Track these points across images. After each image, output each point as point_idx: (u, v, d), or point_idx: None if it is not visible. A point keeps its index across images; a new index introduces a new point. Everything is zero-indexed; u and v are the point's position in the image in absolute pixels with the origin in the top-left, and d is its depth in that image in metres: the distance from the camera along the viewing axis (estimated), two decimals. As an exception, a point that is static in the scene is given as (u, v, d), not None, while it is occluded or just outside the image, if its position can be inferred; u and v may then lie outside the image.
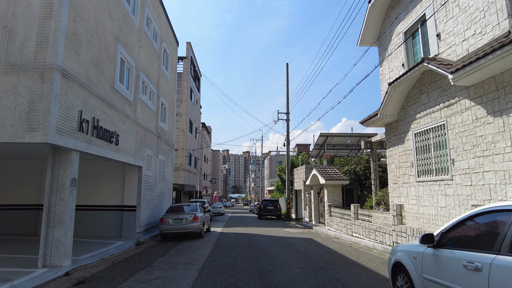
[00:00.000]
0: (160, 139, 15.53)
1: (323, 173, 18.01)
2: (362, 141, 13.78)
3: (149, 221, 13.79)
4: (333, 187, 17.41)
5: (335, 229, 15.13)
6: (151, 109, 14.11)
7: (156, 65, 15.04)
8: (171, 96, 18.13)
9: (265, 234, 14.66)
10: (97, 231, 12.57)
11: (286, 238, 13.17)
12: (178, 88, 25.89)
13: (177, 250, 10.27)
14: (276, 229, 17.67)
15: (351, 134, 23.85)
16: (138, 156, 12.29)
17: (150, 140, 13.97)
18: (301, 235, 14.63)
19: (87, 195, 12.78)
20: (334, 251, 9.95)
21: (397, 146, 10.87)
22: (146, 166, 13.25)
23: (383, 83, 12.13)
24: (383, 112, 10.81)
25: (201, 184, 44.23)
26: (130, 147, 11.41)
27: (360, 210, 12.84)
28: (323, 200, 19.07)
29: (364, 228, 11.88)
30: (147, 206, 13.47)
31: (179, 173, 24.85)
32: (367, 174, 20.11)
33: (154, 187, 14.56)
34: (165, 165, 16.55)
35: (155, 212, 14.64)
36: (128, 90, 11.40)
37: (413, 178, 9.82)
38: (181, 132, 25.30)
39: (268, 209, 26.71)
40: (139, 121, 12.33)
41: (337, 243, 11.76)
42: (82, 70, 7.92)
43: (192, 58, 28.30)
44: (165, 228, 12.60)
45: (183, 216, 12.76)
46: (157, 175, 15.02)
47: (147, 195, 13.44)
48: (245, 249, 10.16)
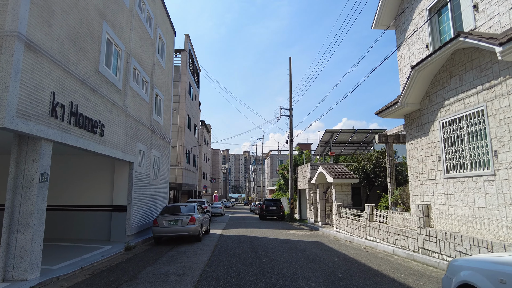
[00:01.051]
0: (155, 133, 14.28)
1: (330, 170, 16.76)
2: (377, 134, 12.52)
3: (142, 223, 12.53)
4: (342, 186, 16.16)
5: (346, 232, 13.88)
6: (144, 99, 12.86)
7: (150, 52, 13.79)
8: (167, 88, 16.88)
9: (269, 237, 13.41)
10: (83, 234, 11.32)
11: (293, 242, 11.92)
12: (176, 82, 24.64)
13: (170, 256, 9.02)
14: (280, 231, 16.42)
15: (358, 130, 22.59)
16: (129, 151, 11.04)
17: (143, 133, 12.72)
18: (308, 238, 13.38)
19: (72, 194, 11.53)
20: (350, 257, 8.70)
21: (420, 139, 9.62)
22: (137, 162, 12.00)
23: (401, 68, 10.88)
24: (404, 99, 9.56)
25: (200, 184, 42.97)
26: (119, 140, 10.16)
27: (376, 210, 11.59)
28: (330, 200, 17.82)
29: (381, 231, 10.63)
30: (139, 206, 12.22)
31: (176, 171, 23.58)
32: (377, 172, 18.85)
33: (148, 186, 13.31)
34: (160, 162, 15.30)
35: (148, 213, 13.39)
36: (117, 76, 10.15)
37: (440, 174, 8.56)
38: (179, 128, 24.03)
39: (270, 209, 25.45)
40: (129, 112, 11.08)
41: (350, 248, 10.50)
42: (55, 45, 6.67)
43: (191, 51, 27.05)
44: (159, 230, 11.35)
45: (178, 218, 11.51)
46: (151, 172, 13.77)
47: (139, 194, 12.19)
48: (248, 256, 8.91)
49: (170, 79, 17.48)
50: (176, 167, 23.71)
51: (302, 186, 24.14)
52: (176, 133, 23.91)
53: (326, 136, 22.72)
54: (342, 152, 25.26)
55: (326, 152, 24.45)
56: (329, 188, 18.37)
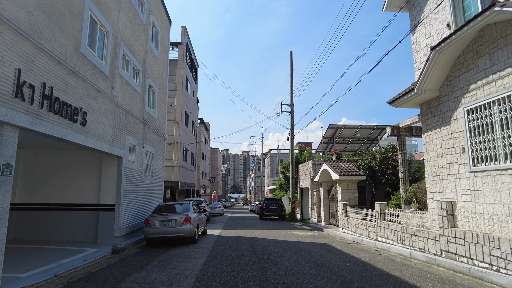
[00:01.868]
0: (148, 127, 13.28)
1: (335, 167, 15.78)
2: (388, 127, 11.53)
3: (133, 223, 11.54)
4: (348, 184, 15.18)
5: (353, 232, 12.90)
6: (135, 89, 11.86)
7: (142, 39, 12.79)
8: (162, 80, 15.89)
9: (271, 238, 12.43)
10: (66, 235, 10.32)
11: (297, 244, 10.94)
12: (173, 76, 23.63)
13: (161, 261, 8.02)
14: (282, 231, 15.45)
15: (363, 125, 21.63)
16: (117, 144, 10.05)
17: (134, 126, 11.73)
18: (313, 239, 12.40)
19: (54, 191, 10.53)
20: (363, 262, 7.72)
21: (439, 129, 8.65)
22: (127, 156, 11.00)
23: (416, 53, 9.91)
24: (422, 86, 8.58)
25: (199, 183, 41.97)
26: (105, 131, 9.17)
27: (387, 209, 10.61)
28: (334, 198, 16.85)
29: (395, 232, 9.65)
30: (129, 205, 11.22)
31: (173, 169, 22.58)
32: (383, 169, 17.89)
33: (140, 183, 12.31)
34: (154, 158, 14.30)
35: (141, 212, 12.39)
36: (103, 61, 9.16)
37: (465, 168, 7.60)
38: (176, 124, 23.01)
39: (270, 209, 24.47)
40: (118, 101, 10.08)
41: (360, 250, 9.53)
42: (22, 14, 5.68)
43: (188, 45, 26.05)
44: (151, 231, 10.36)
45: (172, 218, 10.51)
46: (144, 168, 12.77)
47: (129, 191, 11.19)
48: (249, 260, 7.93)
49: (165, 70, 16.49)
50: (172, 165, 22.69)
51: (304, 185, 23.17)
52: (173, 130, 22.89)
53: (329, 132, 21.76)
54: (345, 149, 24.31)
55: (329, 149, 23.48)
56: (333, 186, 17.40)
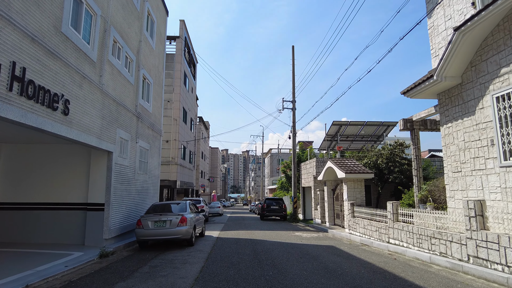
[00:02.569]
0: (142, 121, 12.42)
1: (341, 165, 14.94)
2: (401, 120, 10.68)
3: (125, 224, 10.69)
4: (354, 182, 14.34)
5: (361, 234, 12.05)
6: (128, 80, 11.01)
7: (136, 27, 11.94)
8: (158, 72, 15.03)
9: (273, 240, 11.58)
10: (51, 237, 9.47)
11: (302, 246, 10.09)
12: (170, 71, 22.78)
13: (152, 267, 7.17)
14: (284, 232, 14.60)
15: (368, 122, 20.76)
16: (106, 137, 9.19)
17: (126, 119, 10.87)
18: (318, 241, 11.55)
19: (37, 189, 9.69)
20: (379, 268, 6.87)
21: (461, 120, 7.80)
22: (118, 152, 10.15)
23: (434, 38, 9.06)
24: (442, 72, 7.73)
25: (198, 182, 41.13)
26: (92, 123, 8.31)
27: (401, 209, 9.76)
28: (339, 198, 16.00)
29: (410, 234, 8.80)
30: (121, 204, 10.37)
31: (170, 167, 21.72)
32: (390, 167, 17.03)
33: (133, 181, 11.46)
34: (149, 154, 13.44)
35: (134, 212, 11.54)
36: (90, 45, 8.30)
37: (494, 162, 6.75)
38: (173, 121, 22.15)
39: (272, 208, 23.61)
40: (107, 90, 9.23)
41: (372, 254, 8.68)
42: (-15, -21, 4.83)
43: (187, 39, 25.18)
44: (143, 233, 9.50)
45: (166, 218, 9.66)
46: (137, 165, 11.92)
47: (121, 190, 10.34)
48: (250, 266, 7.08)
49: (161, 63, 15.64)
50: (170, 163, 21.83)
51: (306, 184, 22.32)
52: (170, 126, 22.03)
53: (333, 129, 20.90)
54: (349, 147, 23.46)
55: (333, 147, 22.63)
56: (338, 185, 16.55)
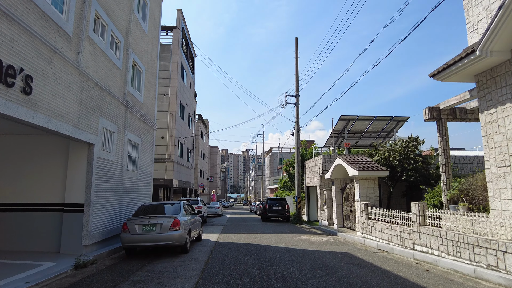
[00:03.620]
0: (131, 111, 11.08)
1: (352, 162, 13.60)
2: (426, 108, 9.30)
3: (110, 227, 9.35)
4: (367, 181, 13.00)
5: (378, 238, 10.72)
6: (114, 63, 9.66)
7: (125, 5, 10.59)
8: (151, 60, 13.69)
9: (279, 246, 10.25)
10: (20, 244, 8.11)
11: (313, 254, 8.76)
12: (166, 63, 21.43)
13: (135, 282, 5.82)
14: (289, 236, 13.26)
15: (377, 117, 19.43)
16: (85, 127, 7.85)
17: (112, 107, 9.53)
18: (330, 246, 10.22)
19: (5, 187, 8.33)
20: (414, 284, 5.53)
21: (510, 104, 6.47)
22: (101, 144, 8.80)
23: (470, 10, 7.72)
24: (487, 45, 6.40)
25: (196, 182, 39.79)
26: (66, 108, 6.97)
27: (429, 211, 8.41)
28: (349, 198, 14.68)
29: (443, 240, 7.46)
30: (105, 204, 9.03)
31: (166, 165, 20.37)
32: (404, 164, 15.69)
33: (120, 178, 10.12)
34: (140, 149, 12.10)
35: (121, 213, 10.21)
36: (63, 15, 6.96)
37: (558, 154, 5.42)
38: (169, 116, 20.79)
39: (274, 209, 22.27)
40: (86, 71, 7.88)
41: (397, 263, 7.35)
42: None
43: (184, 30, 23.83)
44: (129, 239, 8.16)
45: (156, 221, 8.31)
46: (125, 161, 10.57)
47: (105, 188, 8.99)
48: (256, 282, 5.74)
49: (154, 50, 14.29)
50: (166, 161, 20.47)
51: (311, 183, 20.98)
52: (166, 122, 20.67)
53: (340, 124, 19.56)
54: (356, 144, 22.13)
55: (339, 143, 21.30)
56: (348, 184, 15.23)
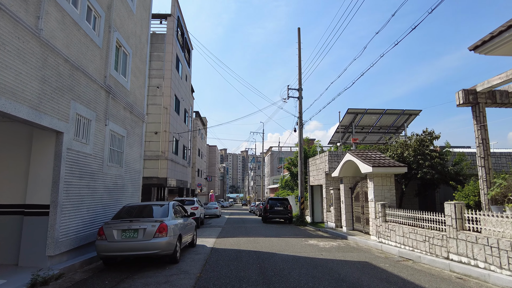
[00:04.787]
0: (115, 98, 9.64)
1: (365, 158, 12.20)
2: (460, 91, 7.87)
3: (86, 232, 7.91)
4: (383, 178, 11.60)
5: (399, 243, 9.31)
6: (91, 39, 8.22)
7: (106, -26, 9.15)
8: (140, 44, 12.24)
9: (285, 254, 8.82)
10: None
11: (326, 264, 7.34)
12: (160, 53, 19.98)
13: (100, 310, 4.40)
14: (295, 240, 11.85)
15: (387, 110, 18.04)
16: (50, 110, 6.41)
17: (88, 91, 8.08)
18: (343, 253, 8.81)
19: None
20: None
21: None
22: (74, 133, 7.36)
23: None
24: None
25: (194, 181, 38.33)
26: (20, 84, 5.53)
27: (468, 213, 6.99)
28: (360, 197, 13.28)
29: (493, 249, 6.05)
30: (79, 205, 7.59)
31: (160, 163, 18.91)
32: (419, 161, 14.27)
33: (99, 174, 8.67)
34: (126, 142, 10.66)
35: (101, 216, 8.77)
36: (17, -32, 5.52)
37: None
38: (163, 109, 19.32)
39: (275, 210, 20.86)
40: (52, 43, 6.44)
41: (434, 277, 5.94)
42: None
43: (180, 19, 22.38)
44: (106, 247, 6.71)
45: (139, 226, 6.87)
46: (107, 154, 9.13)
47: (79, 186, 7.55)
48: (262, 309, 4.31)
49: (144, 33, 12.85)
50: (159, 158, 19.01)
51: (315, 182, 19.56)
52: (160, 116, 19.21)
53: (348, 118, 18.16)
54: (363, 139, 20.72)
55: (345, 139, 19.90)
56: (358, 182, 13.83)
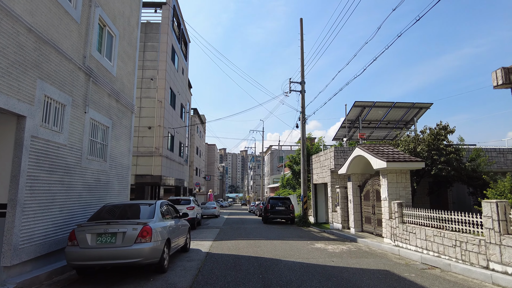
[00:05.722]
0: (97, 83, 8.48)
1: (377, 152, 11.06)
2: (499, 69, 6.72)
3: (59, 236, 6.77)
4: (397, 175, 10.46)
5: (420, 248, 8.17)
6: (66, 10, 7.06)
7: None
8: (129, 26, 11.08)
9: (291, 261, 7.67)
10: None
11: (341, 273, 6.20)
12: (155, 43, 18.81)
13: None
14: (300, 243, 10.71)
15: (397, 103, 16.90)
16: (5, 88, 5.25)
17: (61, 70, 6.92)
18: (357, 260, 7.66)
19: None
20: None
21: None
22: (41, 119, 6.20)
23: None
24: None
25: (192, 180, 37.18)
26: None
27: None
28: (371, 196, 12.15)
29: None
30: (49, 204, 6.43)
31: (154, 159, 17.74)
32: (434, 156, 13.13)
33: (76, 169, 7.51)
34: (111, 134, 9.49)
35: (79, 216, 7.62)
36: None
37: None
38: (157, 103, 18.14)
39: (277, 210, 19.72)
40: (9, 5, 5.27)
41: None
42: None
43: (176, 8, 21.19)
44: (78, 255, 5.55)
45: (117, 229, 5.71)
46: (86, 146, 7.96)
47: (49, 182, 6.40)
48: None
49: (134, 16, 11.68)
50: (153, 154, 17.83)
51: (319, 180, 18.41)
52: (153, 110, 18.03)
53: (354, 112, 17.02)
54: (370, 135, 19.59)
55: (352, 135, 18.76)
56: (367, 180, 12.69)
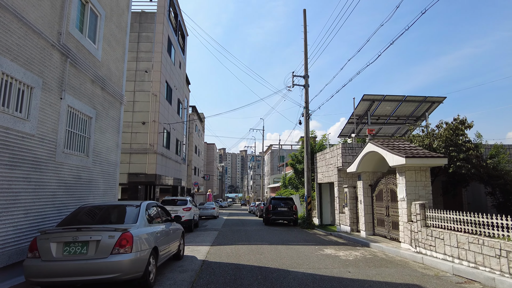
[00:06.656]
0: (76, 65, 7.37)
1: (393, 147, 9.98)
2: None
3: (23, 245, 5.66)
4: (417, 173, 9.37)
5: (450, 257, 7.07)
6: (34, -25, 5.95)
7: None
8: (118, 7, 9.98)
9: (301, 271, 6.57)
10: None
11: (362, 286, 5.09)
12: (149, 33, 17.71)
13: None
14: (307, 248, 9.62)
15: (407, 97, 15.80)
16: None
17: (27, 45, 5.82)
18: (376, 269, 6.56)
19: None
20: None
21: None
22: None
23: None
24: None
25: (190, 180, 36.06)
26: None
27: None
28: (384, 196, 11.07)
29: None
30: (9, 207, 5.33)
31: (148, 157, 16.63)
32: (451, 153, 12.02)
33: (49, 164, 6.41)
34: (95, 126, 8.38)
35: (52, 219, 6.51)
36: None
37: None
38: (152, 96, 17.02)
39: (279, 210, 18.65)
40: None
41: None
42: None
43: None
44: (38, 270, 4.45)
45: (89, 237, 4.60)
46: (62, 138, 6.86)
47: (10, 179, 5.30)
48: None
49: None
50: (147, 151, 16.72)
51: (324, 179, 17.31)
52: (148, 104, 16.92)
53: (363, 106, 15.92)
54: (378, 131, 18.50)
55: (359, 131, 17.65)
56: (380, 179, 11.61)
